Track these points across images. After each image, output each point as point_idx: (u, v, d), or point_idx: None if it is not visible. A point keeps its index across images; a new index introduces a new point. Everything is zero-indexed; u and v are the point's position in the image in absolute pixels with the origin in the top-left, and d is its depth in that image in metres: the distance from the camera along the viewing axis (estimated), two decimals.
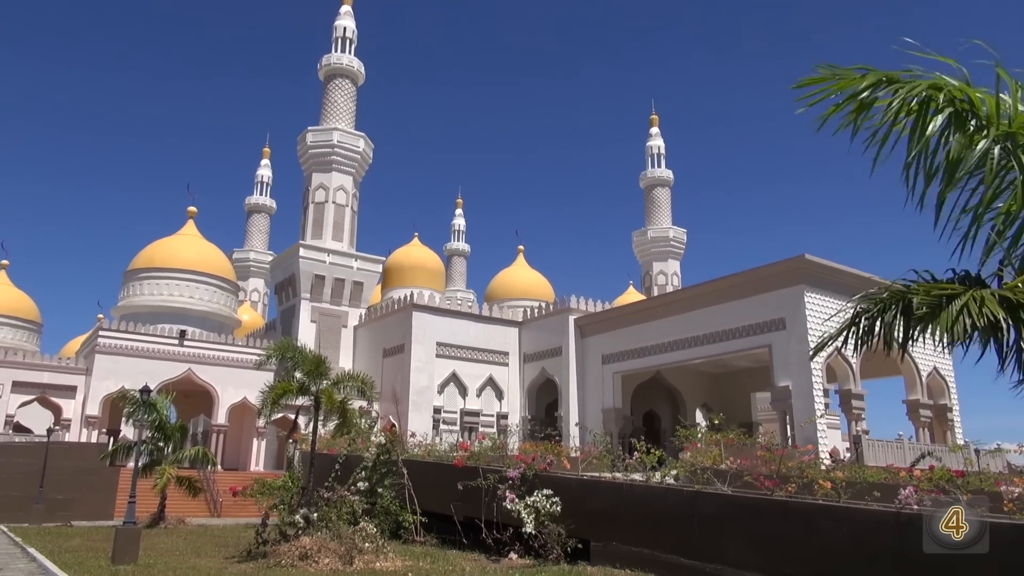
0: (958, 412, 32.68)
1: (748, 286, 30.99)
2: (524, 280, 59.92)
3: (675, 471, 14.39)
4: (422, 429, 33.03)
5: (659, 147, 65.56)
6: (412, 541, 16.64)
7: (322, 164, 47.53)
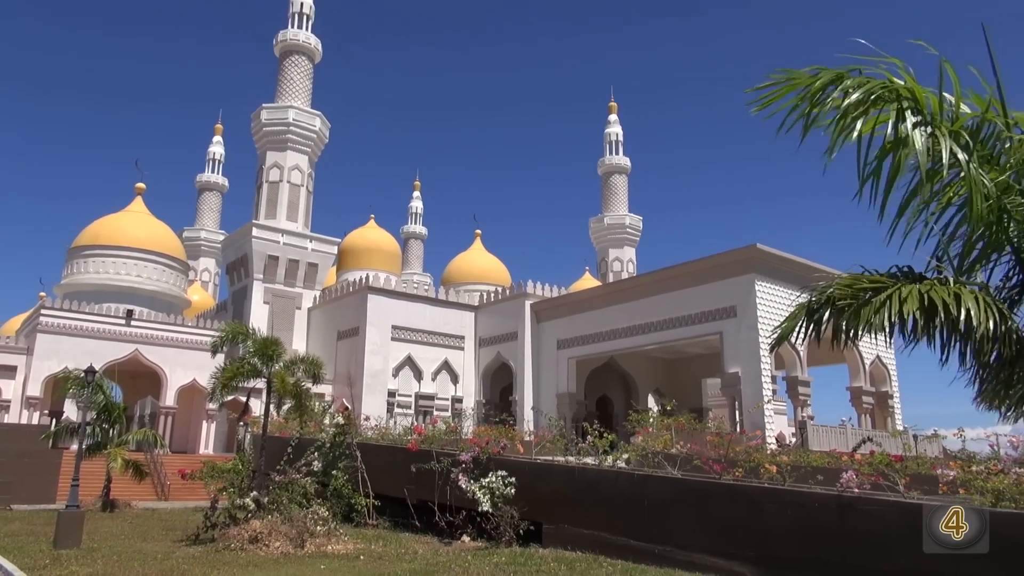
0: (898, 399, 33.86)
1: (701, 274, 31.49)
2: (481, 264, 59.83)
3: (627, 455, 14.62)
4: (376, 412, 32.90)
5: (617, 134, 65.96)
6: (365, 524, 16.62)
7: (277, 142, 46.61)
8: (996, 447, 12.38)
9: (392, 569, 11.49)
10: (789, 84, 5.18)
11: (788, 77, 5.17)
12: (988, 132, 5.42)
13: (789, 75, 5.19)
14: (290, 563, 12.20)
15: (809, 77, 5.18)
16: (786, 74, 5.18)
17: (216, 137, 76.12)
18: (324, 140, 48.98)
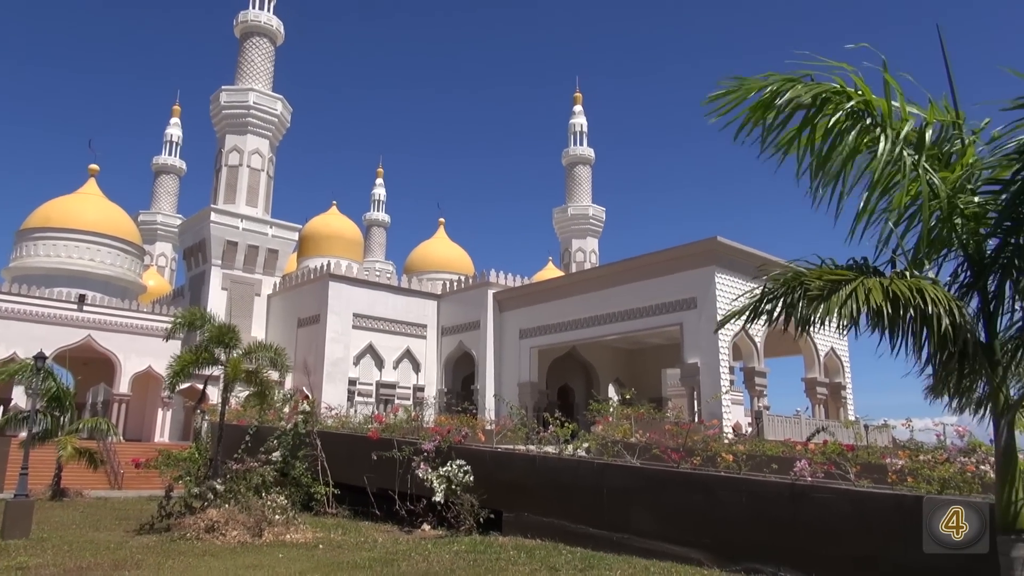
0: (851, 390, 34.73)
1: (662, 266, 31.84)
2: (444, 253, 59.60)
3: (587, 444, 14.76)
4: (337, 401, 32.66)
5: (582, 125, 66.15)
6: (324, 513, 16.52)
7: (237, 126, 45.70)
8: (943, 437, 12.77)
9: (351, 558, 11.45)
10: (742, 94, 5.26)
11: (740, 84, 5.26)
12: (940, 134, 5.57)
13: (741, 82, 5.28)
14: (247, 552, 12.08)
15: (760, 82, 5.27)
16: (738, 81, 5.26)
17: (174, 119, 74.34)
18: (286, 124, 48.18)
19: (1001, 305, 5.57)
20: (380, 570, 10.45)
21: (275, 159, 48.00)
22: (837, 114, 5.27)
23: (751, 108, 5.31)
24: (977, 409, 5.83)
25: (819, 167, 5.42)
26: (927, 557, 8.88)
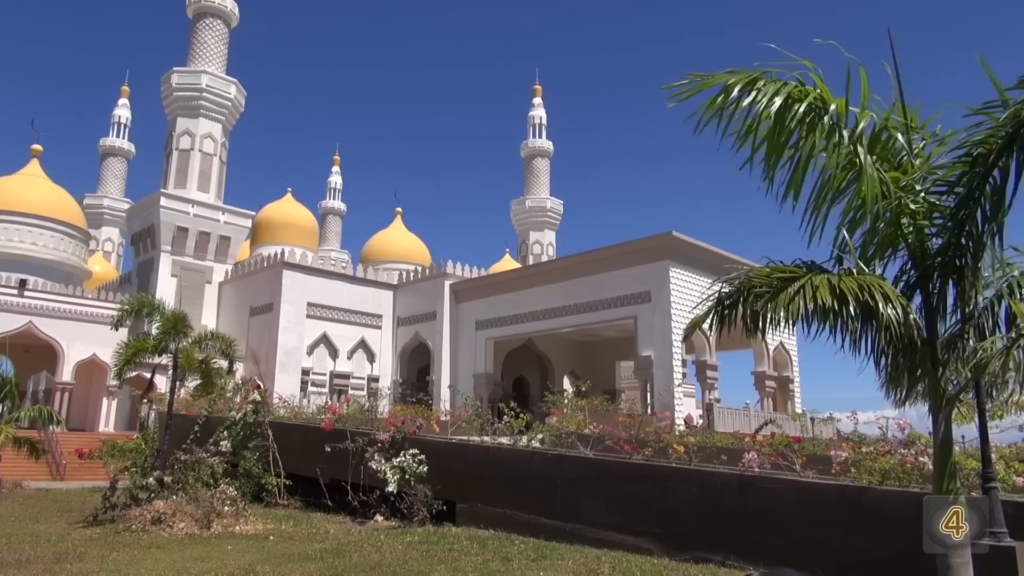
0: (799, 384, 35.62)
1: (618, 259, 32.12)
2: (401, 243, 59.15)
3: (541, 435, 14.85)
4: (289, 391, 32.19)
5: (541, 117, 66.20)
6: (275, 504, 16.31)
7: (189, 109, 44.55)
8: (884, 430, 13.17)
9: (302, 549, 11.35)
10: (704, 82, 5.34)
11: (703, 79, 5.33)
12: (891, 134, 5.73)
13: (704, 78, 5.35)
14: (195, 544, 11.87)
15: (723, 77, 5.35)
16: (701, 77, 5.34)
17: (122, 99, 72.13)
18: (239, 109, 47.15)
19: (943, 304, 5.77)
20: (332, 561, 10.37)
21: (228, 144, 46.98)
22: (794, 111, 5.38)
23: (710, 101, 5.38)
24: (918, 402, 6.03)
25: (775, 164, 5.54)
26: (867, 545, 9.20)
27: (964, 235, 5.61)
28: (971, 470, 9.14)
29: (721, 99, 5.31)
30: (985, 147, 5.34)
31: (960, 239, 5.62)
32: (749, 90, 5.32)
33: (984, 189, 5.48)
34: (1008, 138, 5.18)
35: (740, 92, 5.31)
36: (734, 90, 5.29)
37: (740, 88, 5.31)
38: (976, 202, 5.52)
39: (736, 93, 5.31)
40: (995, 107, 5.18)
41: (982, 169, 5.41)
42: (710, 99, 5.35)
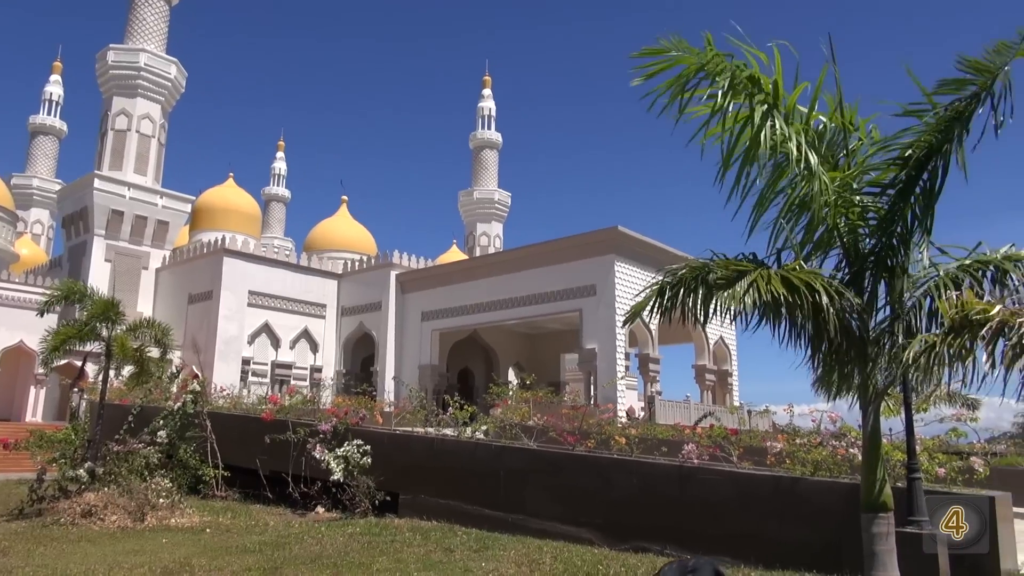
0: (737, 377, 36.53)
1: (564, 252, 32.38)
2: (346, 232, 58.33)
3: (486, 427, 14.87)
4: (229, 380, 31.40)
5: (490, 109, 66.07)
6: (213, 496, 15.95)
7: (125, 88, 42.95)
8: (818, 422, 13.60)
9: (240, 542, 11.13)
10: (674, 59, 5.39)
11: (677, 46, 5.37)
12: (832, 135, 5.91)
13: (678, 44, 5.39)
14: (128, 538, 11.52)
15: (697, 52, 5.41)
16: (676, 42, 5.38)
17: (54, 76, 69.13)
18: (180, 90, 45.71)
19: (875, 301, 5.99)
20: (271, 554, 10.21)
21: (167, 126, 45.53)
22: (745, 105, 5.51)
23: (664, 85, 5.46)
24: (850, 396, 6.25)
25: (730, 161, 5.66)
26: (799, 534, 9.51)
27: (895, 236, 5.83)
28: (897, 461, 9.51)
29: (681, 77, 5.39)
30: (915, 150, 5.56)
31: (891, 239, 5.84)
32: (709, 77, 5.41)
33: (914, 191, 5.71)
34: (936, 144, 5.41)
35: (697, 77, 5.40)
36: (693, 74, 5.38)
37: (701, 69, 5.38)
38: (907, 204, 5.75)
39: (695, 77, 5.40)
40: (924, 110, 5.40)
41: (913, 172, 5.63)
42: (665, 82, 5.42)
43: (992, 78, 5.03)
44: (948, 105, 5.31)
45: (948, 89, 5.26)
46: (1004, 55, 4.90)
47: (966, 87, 5.18)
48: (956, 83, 5.22)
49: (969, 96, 5.20)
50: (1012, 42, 4.86)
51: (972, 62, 5.06)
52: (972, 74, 5.10)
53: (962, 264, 5.94)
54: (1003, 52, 4.90)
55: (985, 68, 5.02)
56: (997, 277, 5.74)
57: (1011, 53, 4.86)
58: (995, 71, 4.99)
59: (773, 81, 5.53)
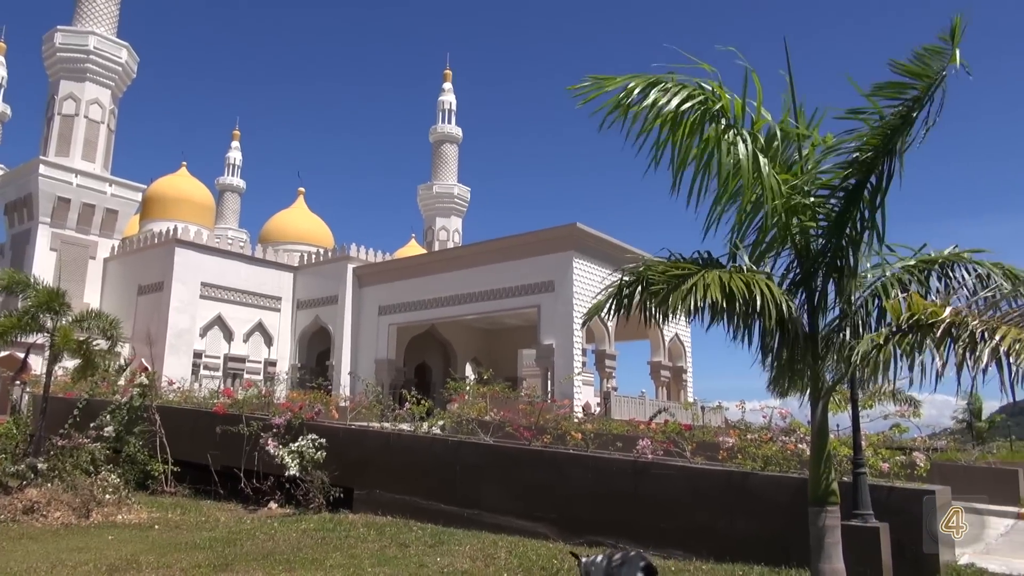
0: (691, 374, 37.12)
1: (523, 248, 32.45)
2: (303, 224, 57.45)
3: (442, 422, 14.86)
4: (180, 374, 30.84)
5: (451, 102, 65.71)
6: (162, 492, 15.62)
7: (73, 72, 41.59)
8: (768, 418, 13.92)
9: (190, 538, 10.93)
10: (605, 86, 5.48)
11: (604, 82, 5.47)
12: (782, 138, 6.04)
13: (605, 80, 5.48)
14: (72, 535, 11.22)
15: (623, 80, 5.52)
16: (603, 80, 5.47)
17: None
18: (131, 75, 44.44)
19: (824, 301, 6.15)
20: (221, 550, 10.04)
21: (117, 112, 44.26)
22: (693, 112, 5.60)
23: (613, 100, 5.53)
24: (800, 393, 6.41)
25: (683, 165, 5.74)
26: (749, 527, 9.71)
27: (844, 237, 5.99)
28: (843, 456, 9.79)
29: (623, 98, 5.47)
30: (862, 153, 5.73)
31: (841, 240, 6.00)
32: (650, 91, 5.49)
33: (862, 194, 5.88)
34: (882, 147, 5.58)
35: (641, 93, 5.48)
36: (634, 92, 5.46)
37: (641, 89, 5.47)
38: (855, 206, 5.91)
39: (637, 95, 5.47)
40: (871, 113, 5.56)
41: (860, 176, 5.80)
42: (613, 98, 5.50)
43: (931, 83, 5.20)
44: (893, 110, 5.47)
45: (888, 93, 5.43)
46: (939, 60, 5.06)
47: (907, 91, 5.35)
48: (895, 87, 5.38)
49: (911, 100, 5.37)
50: (937, 46, 5.02)
51: (905, 66, 5.23)
52: (909, 78, 5.26)
53: (908, 265, 6.13)
54: (934, 57, 5.06)
55: (922, 73, 5.18)
56: (942, 277, 5.95)
57: (944, 59, 5.01)
58: (933, 76, 5.15)
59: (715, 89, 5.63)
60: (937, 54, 5.05)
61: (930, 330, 5.05)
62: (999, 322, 4.86)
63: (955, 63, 4.95)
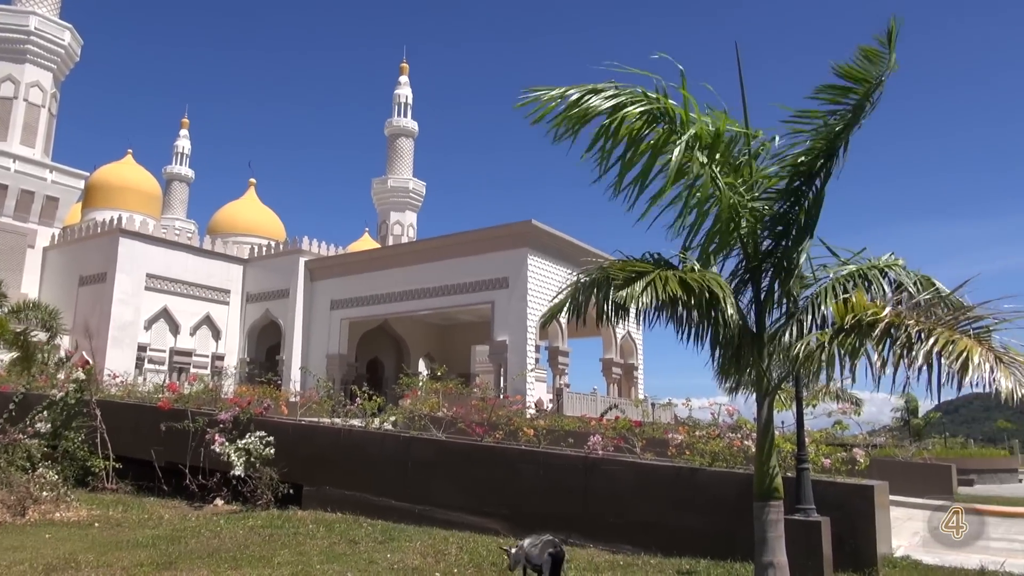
0: (642, 371, 37.61)
1: (478, 244, 32.43)
2: (253, 215, 56.38)
3: (394, 418, 14.76)
4: (124, 368, 29.88)
5: (407, 96, 65.23)
6: (103, 489, 15.17)
7: (13, 52, 40.04)
8: (716, 415, 14.18)
9: (132, 536, 10.65)
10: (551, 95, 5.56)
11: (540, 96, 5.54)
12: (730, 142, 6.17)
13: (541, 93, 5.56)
14: (6, 533, 10.83)
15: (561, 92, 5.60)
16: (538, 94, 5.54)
17: None
18: (74, 58, 42.98)
19: (771, 301, 6.30)
20: (165, 548, 9.81)
21: (60, 96, 42.77)
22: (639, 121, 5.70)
23: (556, 118, 5.61)
24: (747, 390, 6.56)
25: (627, 168, 5.82)
26: (696, 522, 9.90)
27: (790, 239, 6.16)
28: (788, 452, 10.03)
29: (567, 109, 5.56)
30: (806, 157, 5.89)
31: (786, 242, 6.17)
32: (591, 98, 5.57)
33: (807, 196, 6.04)
34: (824, 150, 5.76)
35: (581, 101, 5.57)
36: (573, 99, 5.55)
37: (580, 96, 5.55)
38: (800, 208, 6.08)
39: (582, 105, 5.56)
40: (815, 116, 5.74)
41: (804, 179, 5.97)
42: (560, 114, 5.59)
43: (870, 87, 5.37)
44: (838, 114, 5.65)
45: (829, 97, 5.61)
46: (878, 65, 5.23)
47: (849, 95, 5.52)
48: (837, 90, 5.55)
49: (853, 105, 5.54)
50: (874, 48, 5.20)
51: (845, 69, 5.39)
52: (850, 82, 5.43)
53: (850, 268, 6.32)
54: (873, 60, 5.23)
55: (862, 77, 5.35)
56: (882, 281, 6.16)
57: (883, 63, 5.19)
58: (872, 80, 5.32)
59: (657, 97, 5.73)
60: (876, 56, 5.22)
61: (870, 330, 5.21)
62: (935, 324, 5.05)
63: (893, 68, 5.13)
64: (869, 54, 5.26)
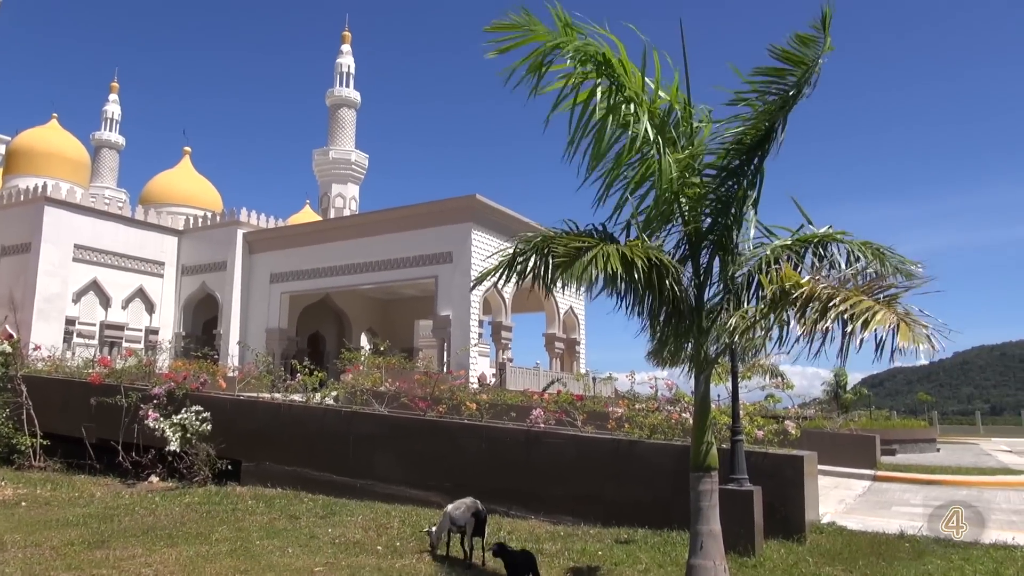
0: (584, 346, 38.06)
1: (421, 218, 32.15)
2: (189, 185, 54.53)
3: (336, 393, 14.63)
4: (51, 341, 28.79)
5: (349, 66, 63.73)
6: (30, 467, 14.66)
7: None
8: (655, 389, 14.50)
9: (62, 515, 10.34)
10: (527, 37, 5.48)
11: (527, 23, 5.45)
12: (675, 118, 6.25)
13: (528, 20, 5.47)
14: None
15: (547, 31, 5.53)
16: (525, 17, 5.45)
17: None
18: None
19: (709, 277, 6.44)
20: (96, 527, 9.56)
21: None
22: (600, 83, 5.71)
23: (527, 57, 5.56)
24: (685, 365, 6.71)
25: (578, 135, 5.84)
26: (635, 493, 10.14)
27: (729, 216, 6.28)
28: (723, 425, 10.35)
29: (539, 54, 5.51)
30: (746, 135, 6.02)
31: (726, 219, 6.29)
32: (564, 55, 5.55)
33: (746, 174, 6.17)
34: (764, 130, 5.89)
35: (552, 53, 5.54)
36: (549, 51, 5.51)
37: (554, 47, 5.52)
38: (740, 186, 6.20)
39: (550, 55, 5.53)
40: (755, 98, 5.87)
41: (744, 157, 6.09)
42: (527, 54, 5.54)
43: (807, 70, 5.52)
44: (777, 94, 5.77)
45: (766, 82, 5.76)
46: (813, 48, 5.39)
47: (786, 76, 5.66)
48: (775, 72, 5.69)
49: (791, 86, 5.68)
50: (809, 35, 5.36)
51: (782, 52, 5.53)
52: (787, 64, 5.57)
53: (785, 243, 6.50)
54: (808, 44, 5.39)
55: (799, 59, 5.49)
56: (817, 253, 6.35)
57: (819, 47, 5.35)
58: (808, 62, 5.47)
59: (619, 60, 5.75)
60: (811, 41, 5.37)
61: (794, 301, 5.41)
62: (854, 293, 5.25)
63: (829, 50, 5.29)
64: (804, 39, 5.40)
